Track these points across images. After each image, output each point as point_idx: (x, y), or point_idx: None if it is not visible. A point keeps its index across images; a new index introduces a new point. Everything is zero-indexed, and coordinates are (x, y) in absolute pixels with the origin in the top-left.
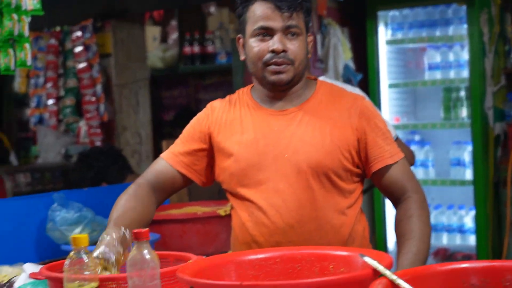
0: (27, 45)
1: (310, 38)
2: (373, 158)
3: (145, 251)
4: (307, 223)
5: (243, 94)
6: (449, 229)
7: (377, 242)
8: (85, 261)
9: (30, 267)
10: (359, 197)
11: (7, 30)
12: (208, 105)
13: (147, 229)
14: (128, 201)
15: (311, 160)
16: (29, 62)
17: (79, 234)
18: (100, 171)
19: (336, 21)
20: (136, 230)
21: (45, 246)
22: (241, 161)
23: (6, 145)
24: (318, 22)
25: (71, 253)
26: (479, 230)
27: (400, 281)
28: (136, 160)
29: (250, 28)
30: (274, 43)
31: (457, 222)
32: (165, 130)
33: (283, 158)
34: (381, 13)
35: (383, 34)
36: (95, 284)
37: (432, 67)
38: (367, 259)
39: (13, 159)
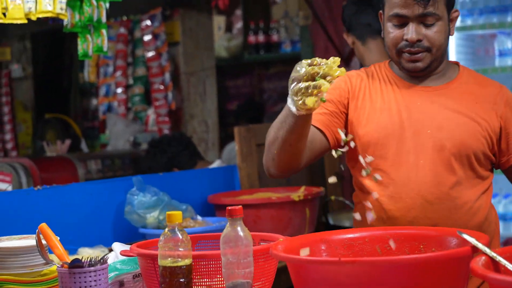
0: (104, 31)
1: (455, 14)
2: None
3: (239, 228)
4: (446, 201)
5: (380, 68)
6: None
7: None
8: (180, 238)
9: (119, 246)
10: (491, 185)
11: (86, 16)
12: (345, 75)
13: (240, 206)
14: None
15: (455, 139)
16: (105, 48)
17: (172, 212)
18: (172, 157)
19: None
20: (230, 208)
21: (122, 229)
22: (381, 130)
23: (78, 133)
24: None
25: (166, 230)
26: None
27: (500, 258)
28: (202, 148)
29: (387, 11)
30: (408, 32)
31: None
32: (229, 120)
33: (425, 134)
34: None
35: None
36: (188, 261)
37: (502, 54)
38: (466, 236)
39: (83, 146)
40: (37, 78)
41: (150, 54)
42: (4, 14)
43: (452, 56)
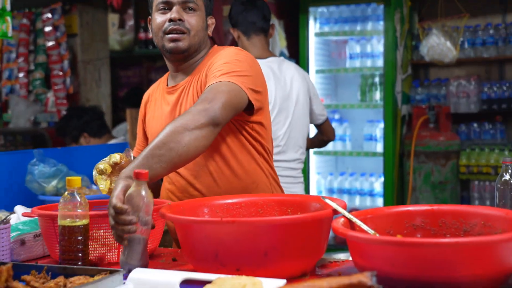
0: (8, 18)
1: (211, 21)
2: None
3: (143, 190)
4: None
5: (162, 79)
6: (361, 193)
7: None
8: (78, 200)
9: (21, 209)
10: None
11: None
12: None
13: (147, 171)
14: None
15: None
16: (10, 33)
17: (72, 177)
18: (85, 122)
19: (274, 15)
20: (137, 171)
21: (23, 196)
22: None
23: None
24: None
25: (65, 193)
26: (386, 194)
27: (355, 220)
28: None
29: (154, 4)
30: (172, 13)
31: (368, 187)
32: (120, 105)
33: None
34: (311, 9)
35: (313, 27)
36: (86, 221)
37: (352, 57)
38: (328, 201)
39: None
40: None
41: (50, 43)
42: None
43: (311, 57)
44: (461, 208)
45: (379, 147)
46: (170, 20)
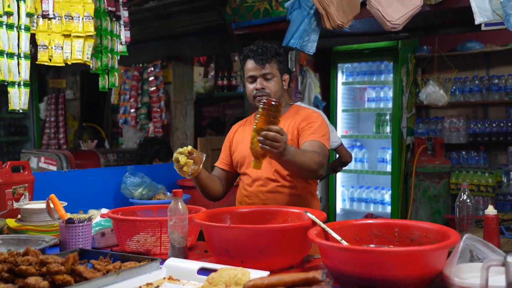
0: (116, 74)
1: (286, 77)
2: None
3: (179, 203)
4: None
5: (251, 116)
6: (375, 202)
7: (330, 208)
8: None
9: (104, 210)
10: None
11: (104, 63)
12: (233, 126)
13: (181, 189)
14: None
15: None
16: (117, 84)
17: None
18: (156, 151)
19: (311, 68)
20: (174, 190)
21: (119, 199)
22: (240, 156)
23: (103, 136)
24: (299, 68)
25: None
26: (393, 203)
27: (328, 229)
28: None
29: (245, 75)
30: (256, 84)
31: (380, 197)
32: (204, 131)
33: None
34: (339, 65)
35: (340, 78)
36: None
37: (370, 100)
38: (309, 214)
39: (106, 144)
40: (83, 100)
41: (152, 88)
42: (50, 59)
43: (339, 100)
44: (409, 222)
45: (389, 168)
46: (256, 89)
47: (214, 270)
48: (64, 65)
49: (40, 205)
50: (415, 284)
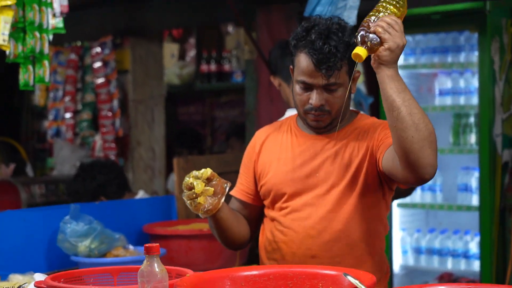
0: (46, 63)
1: (356, 75)
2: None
3: (155, 264)
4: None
5: (287, 121)
6: (454, 254)
7: None
8: None
9: (39, 277)
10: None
11: (29, 48)
12: (254, 136)
13: (157, 244)
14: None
15: None
16: (47, 78)
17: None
18: (100, 184)
19: None
20: (147, 245)
21: (55, 256)
22: (278, 177)
23: (23, 157)
24: None
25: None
26: (483, 256)
27: None
28: (149, 175)
29: (296, 74)
30: (313, 98)
31: (463, 247)
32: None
33: (315, 177)
34: None
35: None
36: None
37: (442, 93)
38: (350, 278)
39: (29, 170)
40: None
41: (99, 81)
42: None
43: None
44: None
45: (475, 200)
46: (311, 104)
47: None
48: None
49: None
50: None
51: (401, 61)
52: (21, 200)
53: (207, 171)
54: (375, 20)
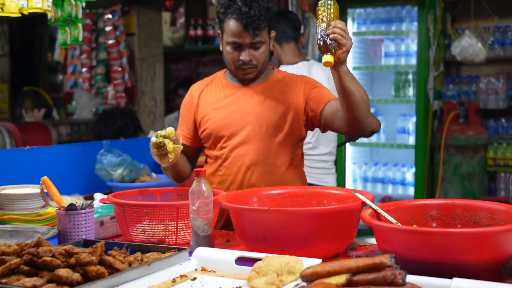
0: (80, 25)
1: (272, 35)
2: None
3: (203, 184)
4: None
5: (217, 76)
6: (394, 182)
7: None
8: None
9: (99, 196)
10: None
11: (66, 13)
12: (189, 90)
13: (204, 169)
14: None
15: (269, 121)
16: (80, 38)
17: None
18: (120, 127)
19: (315, 15)
20: (196, 169)
21: (93, 182)
22: (216, 123)
23: (50, 104)
24: (301, 15)
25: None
26: (417, 184)
27: (382, 211)
28: (151, 119)
29: (226, 37)
30: (243, 55)
31: (400, 177)
32: (170, 96)
33: (247, 120)
34: (350, 10)
35: (350, 27)
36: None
37: (387, 55)
38: (358, 195)
39: (55, 114)
40: (13, 56)
41: (111, 41)
42: (1, 9)
43: (349, 55)
44: (471, 202)
45: (411, 140)
46: (241, 60)
47: (256, 260)
48: (20, 15)
49: (21, 189)
50: (487, 269)
51: (354, 29)
52: (52, 138)
53: (172, 130)
54: (326, 28)
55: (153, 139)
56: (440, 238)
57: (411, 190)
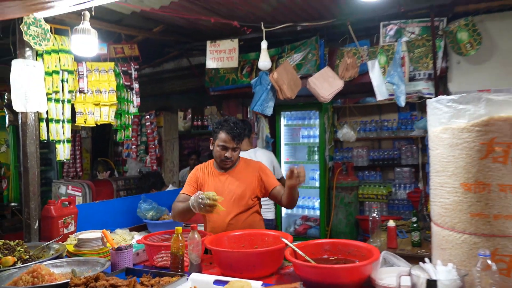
0: (130, 129)
1: (242, 146)
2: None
3: (195, 234)
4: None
5: (209, 164)
6: (308, 207)
7: (277, 212)
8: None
9: (137, 236)
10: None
11: (122, 122)
12: (196, 167)
13: (196, 225)
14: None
15: (238, 194)
16: (130, 135)
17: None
18: (152, 183)
19: (262, 116)
20: (192, 225)
21: (135, 220)
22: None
23: (113, 167)
24: (255, 117)
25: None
26: (321, 208)
27: (297, 250)
28: (171, 174)
29: (217, 142)
30: (227, 155)
31: (312, 204)
32: (183, 160)
33: (226, 195)
34: (282, 112)
35: (283, 121)
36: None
37: (303, 137)
38: (283, 239)
39: (115, 173)
40: (93, 137)
41: (149, 130)
42: (84, 121)
43: (282, 137)
44: (347, 241)
45: (317, 184)
46: (226, 157)
47: (225, 282)
48: (95, 125)
49: (91, 234)
50: (355, 286)
51: (285, 122)
52: (113, 189)
53: (214, 194)
54: None
55: (207, 201)
56: (328, 270)
57: (317, 212)
